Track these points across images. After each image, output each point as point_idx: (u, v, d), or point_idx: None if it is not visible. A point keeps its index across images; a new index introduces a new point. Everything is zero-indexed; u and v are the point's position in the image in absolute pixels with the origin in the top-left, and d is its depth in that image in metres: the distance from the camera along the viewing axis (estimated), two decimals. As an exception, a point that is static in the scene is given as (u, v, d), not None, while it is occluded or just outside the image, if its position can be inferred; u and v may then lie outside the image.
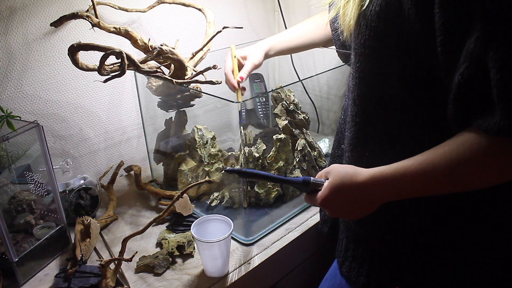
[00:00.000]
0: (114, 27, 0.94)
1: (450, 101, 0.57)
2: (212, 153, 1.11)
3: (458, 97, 0.55)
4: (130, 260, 0.83)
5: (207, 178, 0.95)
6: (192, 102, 1.13)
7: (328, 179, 0.70)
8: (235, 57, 1.02)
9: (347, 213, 0.70)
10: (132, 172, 1.25)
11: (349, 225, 0.81)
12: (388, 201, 0.69)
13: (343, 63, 1.15)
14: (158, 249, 0.97)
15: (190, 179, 1.12)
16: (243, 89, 0.97)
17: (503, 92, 0.50)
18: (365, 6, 0.65)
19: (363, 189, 0.66)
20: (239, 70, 0.99)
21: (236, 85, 0.97)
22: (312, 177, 0.72)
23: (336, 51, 1.10)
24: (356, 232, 0.80)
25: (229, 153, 1.10)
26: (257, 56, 1.02)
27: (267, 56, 1.06)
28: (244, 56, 1.03)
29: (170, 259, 0.92)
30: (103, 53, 0.84)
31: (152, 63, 1.01)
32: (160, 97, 1.12)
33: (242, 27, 1.12)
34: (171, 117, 1.17)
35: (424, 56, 0.60)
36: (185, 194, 1.05)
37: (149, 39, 0.99)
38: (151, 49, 0.95)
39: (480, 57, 0.51)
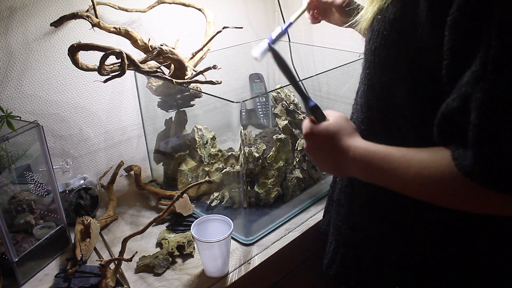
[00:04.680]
0: (114, 27, 0.94)
1: (435, 124, 0.56)
2: (212, 153, 1.11)
3: (441, 123, 0.54)
4: (130, 260, 0.83)
5: (207, 178, 0.95)
6: (192, 102, 1.13)
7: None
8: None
9: (319, 158, 0.71)
10: (132, 172, 1.25)
11: (340, 229, 0.80)
12: (381, 210, 0.70)
13: (343, 64, 1.15)
14: (158, 249, 0.97)
15: (190, 179, 1.12)
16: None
17: (478, 139, 0.48)
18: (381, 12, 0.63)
19: (343, 151, 0.66)
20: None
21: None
22: (321, 109, 0.71)
23: None
24: (347, 237, 0.79)
25: (229, 153, 1.10)
26: None
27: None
28: None
29: (170, 259, 0.92)
30: (103, 53, 0.84)
31: (152, 63, 1.01)
32: (160, 97, 1.12)
33: (242, 27, 1.12)
34: (171, 117, 1.17)
35: (434, 75, 0.57)
36: (185, 194, 1.05)
37: (149, 39, 0.99)
38: (151, 49, 0.95)
39: (468, 93, 0.49)
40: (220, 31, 1.05)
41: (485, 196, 0.51)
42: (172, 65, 1.01)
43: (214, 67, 0.95)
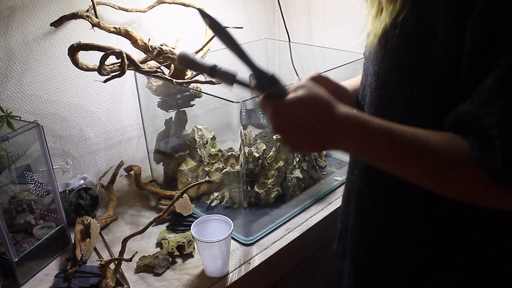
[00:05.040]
0: (114, 27, 0.94)
1: (447, 121, 0.54)
2: (212, 153, 1.11)
3: (454, 122, 0.53)
4: (130, 260, 0.83)
5: (207, 178, 0.95)
6: (192, 102, 1.13)
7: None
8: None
9: (293, 137, 0.58)
10: (132, 172, 1.25)
11: (357, 260, 0.77)
12: (397, 234, 0.67)
13: (343, 64, 1.15)
14: (158, 249, 0.97)
15: (190, 179, 1.12)
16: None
17: (508, 143, 0.47)
18: (390, 24, 0.58)
19: (329, 122, 0.56)
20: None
21: None
22: (280, 80, 0.59)
23: None
24: (365, 267, 0.75)
25: (229, 153, 1.10)
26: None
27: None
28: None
29: (170, 259, 0.92)
30: (103, 53, 0.84)
31: (152, 63, 1.01)
32: (160, 97, 1.12)
33: (242, 27, 1.12)
34: (171, 117, 1.17)
35: (459, 86, 0.54)
36: (185, 194, 1.05)
37: (149, 39, 0.99)
38: (151, 49, 0.95)
39: (491, 98, 0.48)
40: (220, 31, 1.05)
41: (502, 193, 0.51)
42: (172, 65, 1.01)
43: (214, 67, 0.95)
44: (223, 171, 1.07)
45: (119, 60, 0.85)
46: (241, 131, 0.94)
